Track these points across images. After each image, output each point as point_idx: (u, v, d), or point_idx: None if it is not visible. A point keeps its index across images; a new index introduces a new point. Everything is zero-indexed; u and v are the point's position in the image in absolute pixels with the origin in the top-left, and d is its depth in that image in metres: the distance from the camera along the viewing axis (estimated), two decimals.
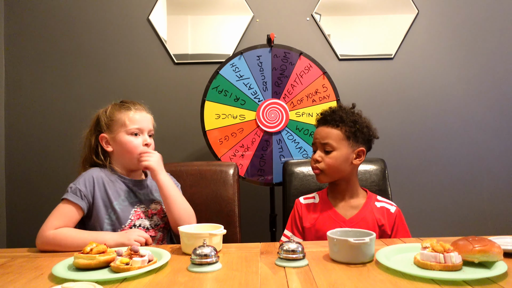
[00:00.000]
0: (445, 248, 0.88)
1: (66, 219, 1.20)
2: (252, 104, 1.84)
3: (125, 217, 1.28)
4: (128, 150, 1.32)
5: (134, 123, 1.33)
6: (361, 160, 1.35)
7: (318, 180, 1.38)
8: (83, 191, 1.25)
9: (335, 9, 2.14)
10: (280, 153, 1.84)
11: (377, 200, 1.36)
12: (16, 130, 2.14)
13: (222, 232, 1.09)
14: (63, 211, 1.22)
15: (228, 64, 1.84)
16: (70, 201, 1.22)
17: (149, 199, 1.37)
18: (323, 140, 1.34)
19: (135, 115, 1.34)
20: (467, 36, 2.17)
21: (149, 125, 1.37)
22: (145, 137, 1.35)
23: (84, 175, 1.29)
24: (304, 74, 1.84)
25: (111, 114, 1.36)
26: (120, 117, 1.34)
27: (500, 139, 2.17)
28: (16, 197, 2.14)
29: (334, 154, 1.33)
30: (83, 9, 2.14)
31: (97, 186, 1.27)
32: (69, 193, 1.24)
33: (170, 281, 0.86)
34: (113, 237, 1.16)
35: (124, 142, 1.32)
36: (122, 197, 1.31)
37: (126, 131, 1.32)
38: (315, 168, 1.36)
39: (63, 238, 1.15)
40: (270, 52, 1.84)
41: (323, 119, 1.38)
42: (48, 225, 1.18)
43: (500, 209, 2.16)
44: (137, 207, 1.32)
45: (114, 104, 1.40)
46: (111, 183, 1.31)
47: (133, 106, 1.37)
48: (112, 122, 1.35)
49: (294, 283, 0.82)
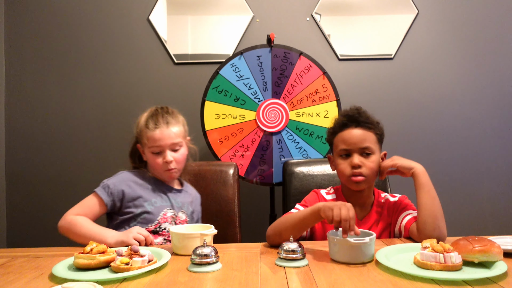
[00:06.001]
0: (445, 248, 0.88)
1: (87, 210, 1.30)
2: (252, 104, 1.84)
3: (153, 218, 1.33)
4: (152, 166, 1.39)
5: (153, 142, 1.34)
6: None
7: (358, 188, 1.25)
8: (112, 189, 1.32)
9: (335, 9, 2.14)
10: (280, 153, 1.84)
11: (381, 196, 1.35)
12: (16, 130, 2.14)
13: (212, 232, 1.09)
14: (87, 203, 1.32)
15: (228, 64, 1.84)
16: (97, 194, 1.32)
17: (179, 206, 1.40)
18: (362, 143, 1.23)
19: (154, 133, 1.34)
20: (467, 36, 2.17)
21: (171, 140, 1.35)
22: (165, 154, 1.35)
23: (118, 175, 1.38)
24: (304, 74, 1.84)
25: (139, 127, 1.40)
26: (143, 134, 1.37)
27: (500, 139, 2.17)
28: (16, 197, 2.13)
29: (373, 158, 1.24)
30: (83, 9, 2.13)
31: (128, 188, 1.34)
32: (99, 188, 1.34)
33: (170, 281, 0.86)
34: (114, 236, 1.19)
35: (148, 158, 1.39)
36: (154, 199, 1.36)
37: (148, 148, 1.36)
38: (358, 174, 1.22)
39: (74, 224, 1.24)
40: (270, 52, 1.84)
41: (354, 121, 1.26)
42: (71, 211, 1.30)
43: (500, 209, 2.16)
44: (167, 210, 1.37)
45: (146, 115, 1.40)
46: (144, 185, 1.37)
47: (154, 121, 1.36)
48: (140, 136, 1.39)
49: (294, 283, 0.82)
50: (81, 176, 2.12)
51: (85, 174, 2.11)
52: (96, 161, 2.11)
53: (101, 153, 2.12)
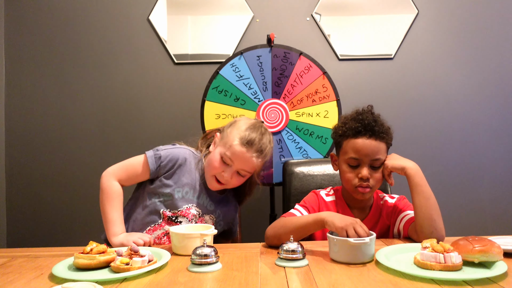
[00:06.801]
0: (445, 248, 0.88)
1: (131, 175, 1.29)
2: (252, 104, 1.84)
3: (175, 206, 1.28)
4: (209, 164, 1.29)
5: (231, 154, 1.25)
6: None
7: (363, 198, 1.24)
8: (163, 162, 1.28)
9: (335, 9, 2.14)
10: (280, 153, 1.84)
11: (380, 197, 1.34)
12: (16, 130, 2.14)
13: (212, 232, 1.09)
14: (133, 165, 1.29)
15: (228, 64, 1.84)
16: (146, 160, 1.27)
17: (207, 210, 1.33)
18: (374, 156, 1.20)
19: (238, 150, 1.24)
20: (467, 36, 2.17)
21: (244, 166, 1.26)
22: (231, 168, 1.26)
23: (175, 149, 1.32)
24: (304, 74, 1.84)
25: (232, 127, 1.30)
26: (231, 139, 1.26)
27: (500, 139, 2.17)
28: (16, 197, 2.14)
29: (381, 168, 1.23)
30: (83, 9, 2.13)
31: (177, 166, 1.29)
32: (151, 153, 1.29)
33: (170, 281, 0.86)
34: (119, 237, 1.19)
35: (212, 156, 1.29)
36: (188, 189, 1.30)
37: (221, 151, 1.27)
38: (366, 186, 1.21)
39: (104, 194, 1.25)
40: (270, 52, 1.84)
41: (370, 130, 1.21)
42: (115, 171, 1.28)
43: (500, 209, 2.16)
44: (192, 206, 1.30)
45: (245, 125, 1.29)
46: (191, 172, 1.31)
47: (247, 143, 1.25)
48: (227, 136, 1.28)
49: (294, 283, 0.82)
50: (81, 176, 2.12)
51: (85, 174, 2.12)
52: (96, 161, 2.11)
53: (101, 153, 2.12)
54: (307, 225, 1.09)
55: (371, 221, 1.28)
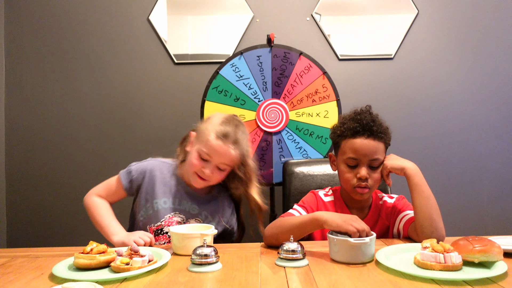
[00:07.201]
0: (445, 248, 0.88)
1: (109, 193, 1.34)
2: (252, 104, 1.84)
3: (156, 218, 1.30)
4: (189, 163, 1.30)
5: (208, 149, 1.25)
6: None
7: (361, 198, 1.24)
8: (133, 176, 1.33)
9: (335, 9, 2.14)
10: (280, 153, 1.84)
11: (378, 197, 1.34)
12: (16, 130, 2.14)
13: (212, 232, 1.09)
14: (111, 185, 1.34)
15: (228, 64, 1.84)
16: (119, 179, 1.33)
17: (191, 214, 1.33)
18: (373, 156, 1.20)
19: (215, 143, 1.25)
20: (467, 36, 2.16)
21: (222, 159, 1.26)
22: (210, 164, 1.26)
23: (144, 162, 1.37)
24: (304, 74, 1.84)
25: (207, 123, 1.31)
26: (207, 134, 1.26)
27: (500, 139, 2.17)
28: (16, 197, 2.13)
29: (380, 168, 1.23)
30: (83, 9, 2.13)
31: (147, 178, 1.32)
32: (124, 172, 1.34)
33: (170, 281, 0.86)
34: (120, 236, 1.19)
35: (190, 154, 1.30)
36: (166, 198, 1.32)
37: (198, 148, 1.27)
38: (364, 187, 1.21)
39: (92, 207, 1.30)
40: (270, 52, 1.84)
41: (368, 130, 1.21)
42: (96, 190, 1.35)
43: (500, 209, 2.16)
44: (175, 214, 1.31)
45: (219, 119, 1.30)
46: (164, 181, 1.33)
47: (222, 136, 1.25)
48: (202, 132, 1.29)
49: (294, 283, 0.82)
50: (81, 176, 2.12)
51: (85, 174, 2.11)
52: (96, 161, 2.11)
53: (101, 153, 2.12)
54: (303, 225, 1.10)
55: (370, 221, 1.28)
